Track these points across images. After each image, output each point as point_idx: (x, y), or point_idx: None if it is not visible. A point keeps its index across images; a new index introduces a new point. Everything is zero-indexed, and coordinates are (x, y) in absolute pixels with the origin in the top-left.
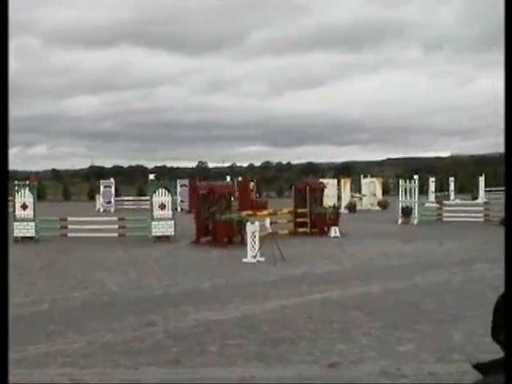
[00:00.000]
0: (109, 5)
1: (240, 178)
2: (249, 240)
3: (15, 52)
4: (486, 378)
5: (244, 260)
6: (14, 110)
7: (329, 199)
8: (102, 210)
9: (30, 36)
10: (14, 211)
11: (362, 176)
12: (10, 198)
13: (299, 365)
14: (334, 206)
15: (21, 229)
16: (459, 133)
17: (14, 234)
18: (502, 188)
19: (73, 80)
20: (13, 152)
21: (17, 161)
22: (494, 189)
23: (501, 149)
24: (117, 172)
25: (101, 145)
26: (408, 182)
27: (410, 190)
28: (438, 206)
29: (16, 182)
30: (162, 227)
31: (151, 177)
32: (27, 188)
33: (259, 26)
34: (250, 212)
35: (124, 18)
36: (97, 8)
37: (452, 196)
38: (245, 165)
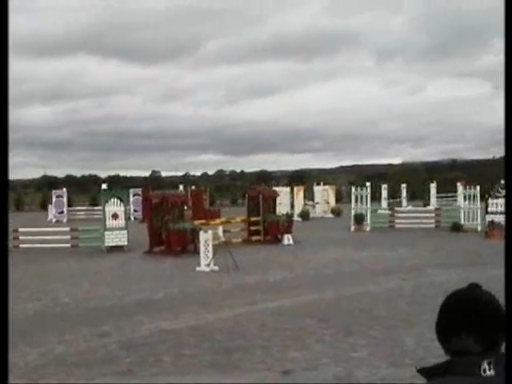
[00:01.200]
0: (64, 14)
1: (193, 187)
2: (202, 249)
3: None
4: (430, 382)
5: (197, 269)
6: None
7: (282, 207)
8: (54, 220)
9: None
10: None
11: (314, 184)
12: None
13: (253, 373)
14: (287, 214)
15: None
16: (410, 140)
17: None
18: (452, 194)
19: (26, 90)
20: None
21: None
22: (444, 195)
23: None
24: (69, 182)
25: (54, 154)
26: (360, 189)
27: (363, 197)
28: (390, 212)
29: None
30: (115, 237)
31: (104, 186)
32: None
33: (215, 35)
34: (203, 221)
35: (79, 28)
36: (52, 17)
37: (404, 203)
38: (198, 173)
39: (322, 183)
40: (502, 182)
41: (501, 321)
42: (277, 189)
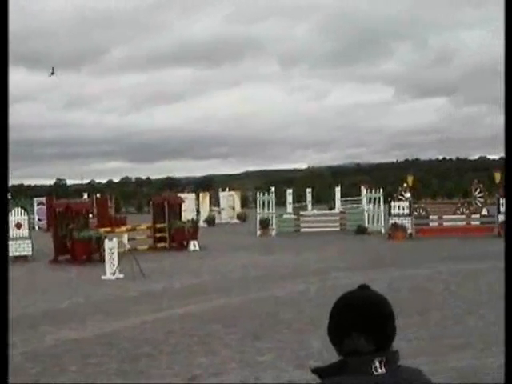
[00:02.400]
0: None
1: (98, 195)
2: (107, 257)
3: None
4: (324, 381)
5: (103, 277)
6: None
7: (188, 213)
8: None
9: None
10: None
11: (220, 189)
12: None
13: (160, 379)
14: (192, 220)
15: None
16: (315, 144)
17: None
18: (357, 198)
19: None
20: None
21: None
22: (349, 199)
23: (356, 159)
24: None
25: None
26: (265, 194)
27: (268, 202)
28: (295, 217)
29: None
30: (19, 247)
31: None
32: None
33: (119, 42)
34: (108, 229)
35: None
36: None
37: (309, 207)
38: (104, 181)
39: (227, 189)
40: (405, 184)
41: (390, 320)
42: (182, 195)
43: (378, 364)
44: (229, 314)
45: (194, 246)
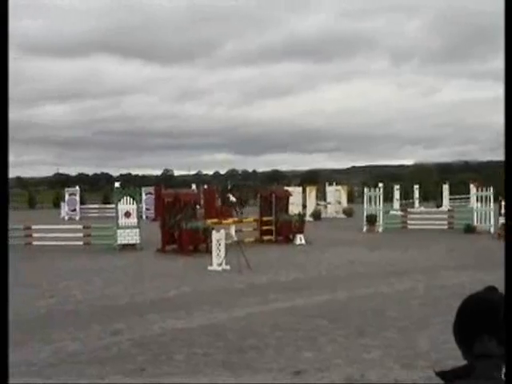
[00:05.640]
0: (82, 15)
1: (206, 186)
2: (214, 248)
3: None
4: None
5: (210, 268)
6: None
7: (294, 207)
8: (66, 217)
9: None
10: None
11: (327, 184)
12: None
13: (265, 372)
14: (299, 214)
15: None
16: (423, 141)
17: None
18: (465, 196)
19: (43, 89)
20: None
21: None
22: (457, 196)
23: (464, 156)
24: (82, 180)
25: (67, 152)
26: (373, 189)
27: (375, 197)
28: (402, 213)
29: None
30: (128, 235)
31: (117, 185)
32: None
33: (232, 36)
34: (215, 220)
35: (97, 28)
36: (71, 18)
37: (416, 204)
38: (210, 173)
39: (334, 183)
40: None
41: None
42: (289, 189)
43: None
44: (334, 309)
45: (300, 239)
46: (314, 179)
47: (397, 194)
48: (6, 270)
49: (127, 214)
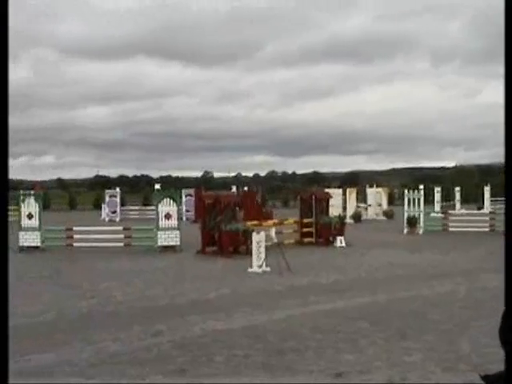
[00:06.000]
0: (123, 18)
1: (246, 188)
2: (254, 250)
3: (30, 63)
4: None
5: (250, 270)
6: (25, 121)
7: (334, 209)
8: (107, 219)
9: (45, 48)
10: (20, 221)
11: (367, 186)
12: (16, 208)
13: (306, 374)
14: (339, 216)
15: (26, 238)
16: (464, 143)
17: (20, 244)
18: None
19: (84, 91)
20: (21, 162)
21: (25, 170)
22: (499, 199)
23: None
24: (122, 181)
25: (108, 154)
26: (413, 191)
27: (416, 199)
28: (443, 215)
29: (21, 191)
30: (168, 237)
31: (157, 186)
32: (32, 197)
33: (271, 37)
34: (255, 222)
35: (139, 30)
36: (111, 20)
37: (458, 206)
38: (250, 174)
39: (374, 185)
40: None
41: None
42: (329, 190)
43: None
44: (375, 311)
45: (340, 241)
46: (354, 181)
47: (437, 196)
48: (6, 270)
49: (167, 216)
